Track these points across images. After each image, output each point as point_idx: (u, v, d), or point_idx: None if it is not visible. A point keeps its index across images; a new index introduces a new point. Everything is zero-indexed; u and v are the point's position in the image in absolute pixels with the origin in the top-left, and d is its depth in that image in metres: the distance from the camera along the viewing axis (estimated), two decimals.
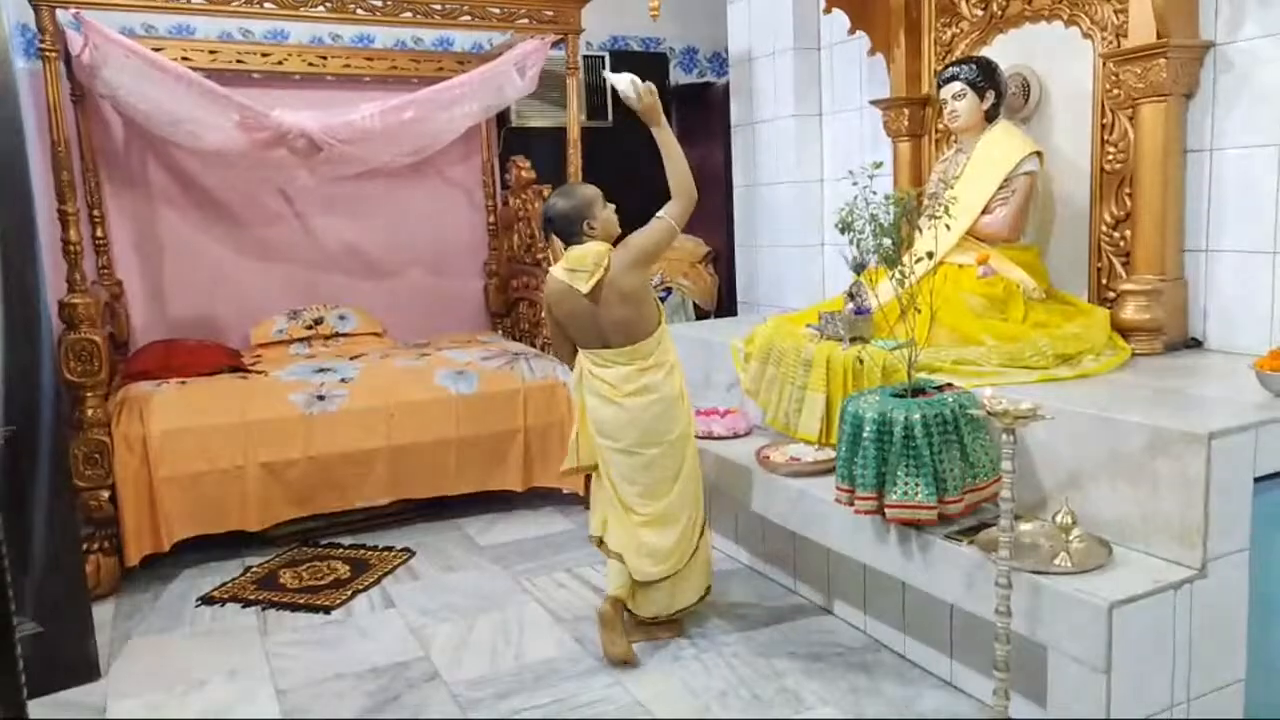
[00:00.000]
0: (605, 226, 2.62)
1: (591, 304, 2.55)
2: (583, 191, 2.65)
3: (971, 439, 2.17)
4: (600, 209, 2.61)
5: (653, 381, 2.61)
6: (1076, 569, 1.90)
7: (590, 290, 2.53)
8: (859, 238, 2.25)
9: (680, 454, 2.67)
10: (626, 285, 2.54)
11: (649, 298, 2.63)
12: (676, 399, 2.66)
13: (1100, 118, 2.76)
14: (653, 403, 2.61)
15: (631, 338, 2.59)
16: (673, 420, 2.64)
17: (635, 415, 2.60)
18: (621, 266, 2.55)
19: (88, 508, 3.22)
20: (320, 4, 3.38)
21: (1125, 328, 2.60)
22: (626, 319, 2.57)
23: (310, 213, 4.69)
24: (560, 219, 2.59)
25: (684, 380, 2.73)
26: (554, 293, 2.63)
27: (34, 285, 2.61)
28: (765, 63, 4.05)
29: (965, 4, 3.13)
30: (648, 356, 2.61)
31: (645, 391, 2.61)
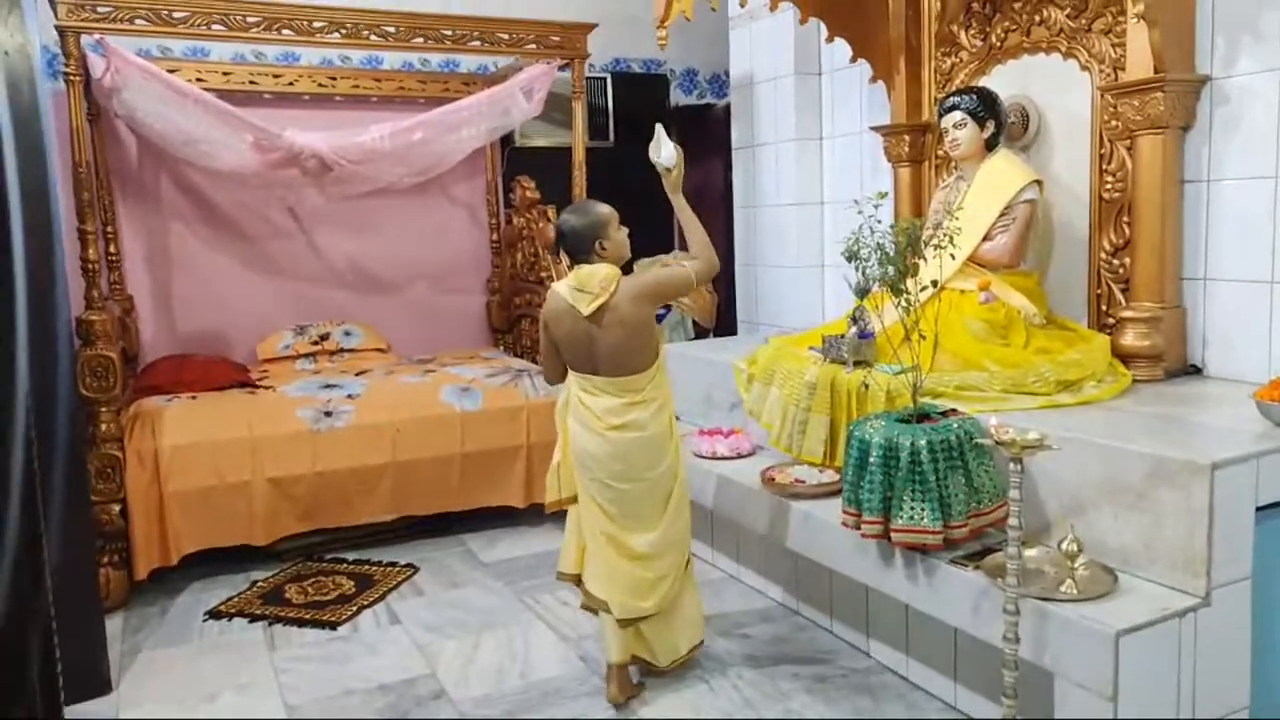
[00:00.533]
0: (617, 249, 2.54)
1: (590, 327, 2.46)
2: (598, 210, 2.55)
3: (976, 464, 2.21)
4: (614, 230, 2.54)
5: (639, 418, 2.50)
6: (1082, 596, 1.94)
7: (592, 313, 2.44)
8: (865, 265, 2.30)
9: (665, 488, 2.57)
10: (630, 315, 2.45)
11: (651, 332, 2.54)
12: (662, 436, 2.55)
13: (1099, 148, 2.82)
14: (636, 440, 2.50)
15: (624, 369, 2.49)
16: (656, 456, 2.54)
17: (617, 449, 2.49)
18: (628, 294, 2.46)
19: (99, 521, 3.26)
20: (335, 30, 3.44)
21: (1125, 354, 2.64)
22: (623, 349, 2.47)
23: (317, 229, 4.75)
24: (572, 235, 2.51)
25: (673, 417, 2.63)
26: (553, 310, 2.54)
27: (56, 305, 2.65)
28: (767, 87, 4.11)
29: (964, 34, 3.19)
30: (638, 391, 2.50)
31: (629, 428, 2.50)
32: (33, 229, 2.56)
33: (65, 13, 3.16)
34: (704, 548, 3.62)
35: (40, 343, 2.60)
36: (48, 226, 2.64)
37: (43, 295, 2.62)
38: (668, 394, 2.61)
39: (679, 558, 2.63)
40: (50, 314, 2.65)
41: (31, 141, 2.59)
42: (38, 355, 2.58)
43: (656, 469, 2.55)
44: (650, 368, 2.52)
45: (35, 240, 2.57)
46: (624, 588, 2.55)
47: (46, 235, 2.64)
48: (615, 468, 2.52)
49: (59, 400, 2.66)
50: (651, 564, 2.57)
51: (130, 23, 3.24)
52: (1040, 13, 2.94)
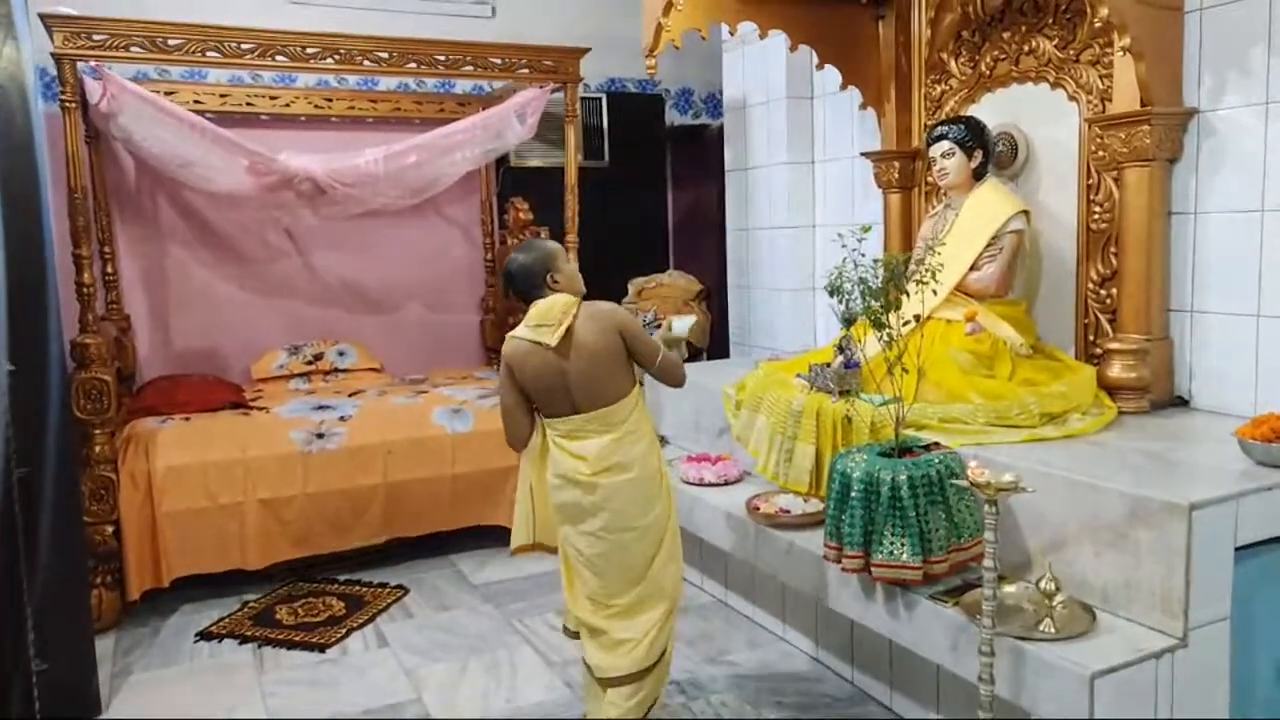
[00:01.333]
0: (569, 281, 2.40)
1: (559, 359, 2.31)
2: (544, 245, 2.45)
3: (957, 500, 2.21)
4: (563, 262, 2.41)
5: (629, 457, 2.35)
6: (1060, 635, 1.93)
7: (558, 343, 2.29)
8: (848, 299, 2.30)
9: (656, 539, 2.41)
10: (595, 341, 2.31)
11: (621, 362, 2.37)
12: (652, 478, 2.40)
13: (1086, 178, 2.82)
14: (628, 482, 2.34)
15: (601, 398, 2.33)
16: (648, 501, 2.38)
17: (608, 496, 2.33)
18: (591, 319, 2.33)
19: (93, 542, 3.29)
20: (328, 56, 3.47)
21: (1112, 386, 2.64)
22: (594, 376, 2.32)
23: (312, 250, 4.78)
24: (521, 273, 2.37)
25: (663, 458, 2.49)
26: (516, 354, 2.35)
27: (48, 329, 2.68)
28: (759, 110, 4.13)
29: (954, 62, 3.20)
30: (621, 423, 2.35)
31: (621, 469, 2.34)
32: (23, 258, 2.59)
33: (61, 40, 3.20)
34: (693, 572, 3.62)
35: (32, 367, 2.63)
36: (40, 255, 2.67)
37: (35, 321, 2.65)
38: (653, 432, 2.48)
39: (668, 605, 2.44)
40: (43, 339, 2.68)
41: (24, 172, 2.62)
42: (30, 379, 2.61)
43: (648, 515, 2.39)
44: (628, 396, 2.39)
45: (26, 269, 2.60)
46: (606, 646, 2.40)
47: (39, 264, 2.66)
48: (603, 518, 2.35)
49: (52, 425, 2.69)
50: (635, 620, 2.39)
51: (126, 50, 3.27)
52: (1029, 42, 2.94)
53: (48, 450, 2.67)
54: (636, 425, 2.40)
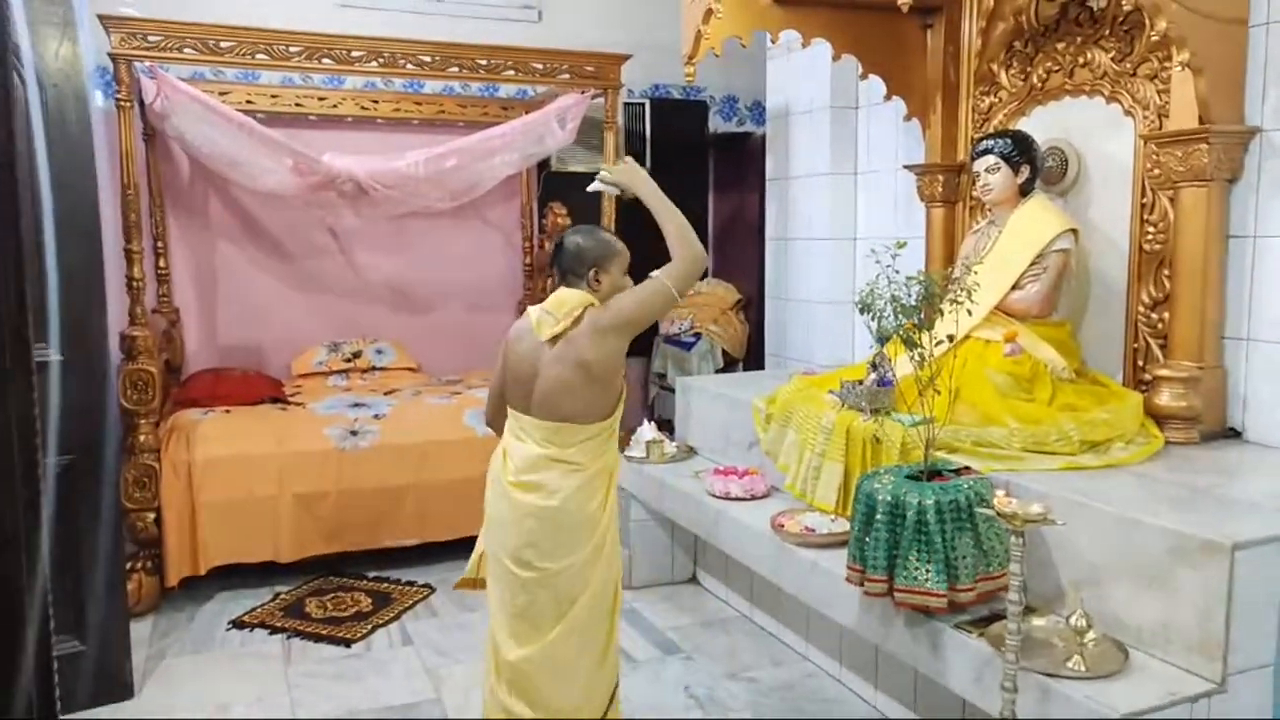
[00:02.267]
0: (614, 288, 2.18)
1: (540, 355, 2.13)
2: (608, 240, 2.24)
3: (986, 527, 2.13)
4: (618, 269, 2.20)
5: (555, 484, 2.10)
6: (1090, 674, 1.85)
7: (548, 339, 2.12)
8: (880, 316, 2.24)
9: (568, 591, 2.12)
10: (589, 352, 2.09)
11: (607, 381, 2.14)
12: (580, 520, 2.12)
13: (1140, 197, 2.72)
14: (540, 510, 2.09)
15: (559, 412, 2.11)
16: (563, 543, 2.11)
17: (518, 515, 2.11)
18: (592, 325, 2.11)
19: (134, 529, 3.38)
20: (373, 59, 3.51)
21: (1160, 414, 2.54)
22: (564, 388, 2.10)
23: (355, 249, 4.85)
24: (571, 252, 2.17)
25: (612, 509, 2.19)
26: (517, 328, 2.23)
27: (97, 321, 2.76)
28: (802, 119, 4.07)
29: (1004, 74, 3.11)
30: (565, 445, 2.11)
31: (538, 490, 2.10)
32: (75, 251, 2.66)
33: (118, 40, 3.28)
34: (718, 585, 3.58)
35: (81, 357, 2.70)
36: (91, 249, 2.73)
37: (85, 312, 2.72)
38: (611, 471, 2.20)
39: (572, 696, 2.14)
40: (92, 330, 2.76)
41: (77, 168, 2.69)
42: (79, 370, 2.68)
43: (558, 561, 2.11)
44: (593, 423, 2.14)
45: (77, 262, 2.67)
46: (492, 707, 2.18)
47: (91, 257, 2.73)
48: (512, 542, 2.12)
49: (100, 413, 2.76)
50: (524, 688, 2.13)
51: (179, 51, 3.34)
52: (1084, 55, 2.84)
53: (94, 438, 2.74)
54: (582, 459, 2.13)
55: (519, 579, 2.13)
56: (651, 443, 3.52)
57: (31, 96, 2.46)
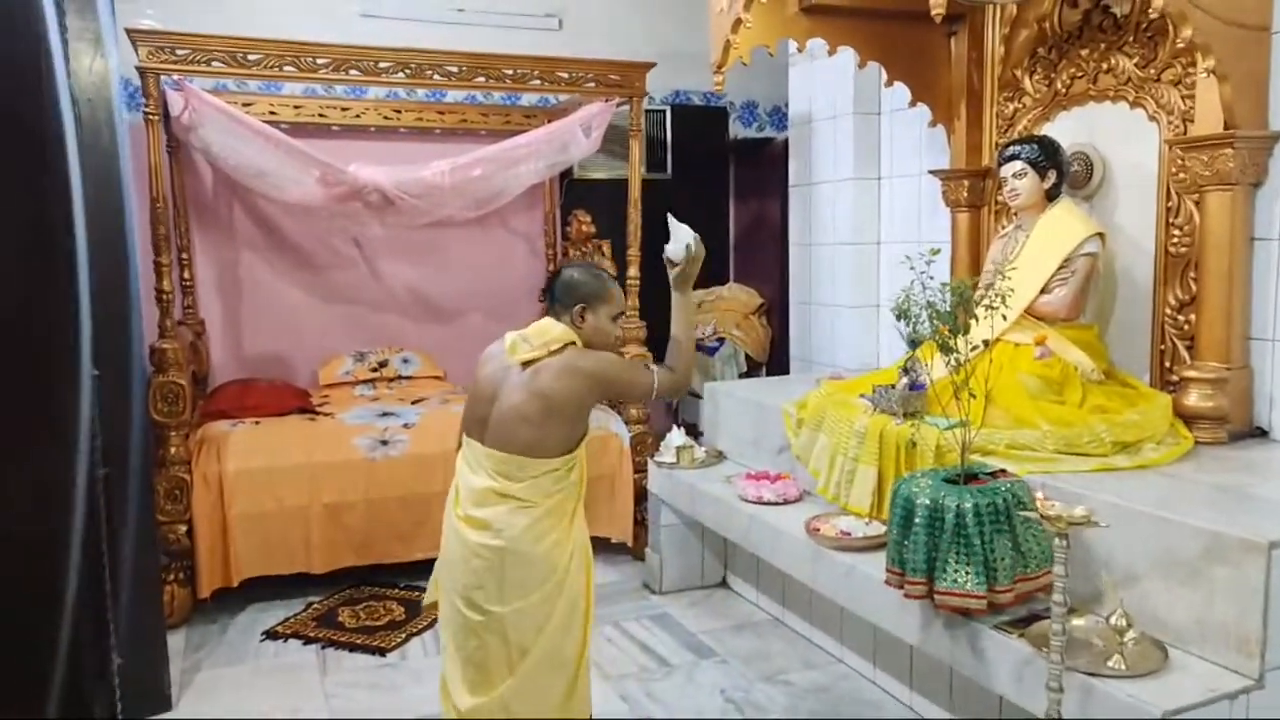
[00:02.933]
0: (594, 334, 2.13)
1: (506, 378, 2.07)
2: (605, 282, 2.17)
3: (1024, 529, 2.17)
4: (606, 313, 2.14)
5: (501, 521, 2.01)
6: (1130, 673, 1.89)
7: (518, 364, 2.05)
8: (915, 322, 2.28)
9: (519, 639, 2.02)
10: (555, 383, 2.01)
11: (570, 418, 2.05)
12: (532, 562, 2.01)
13: (1165, 200, 2.75)
14: (486, 548, 2.01)
15: (513, 443, 2.02)
16: (511, 587, 2.00)
17: (465, 554, 2.04)
18: (568, 363, 2.04)
19: (166, 540, 3.40)
20: (400, 70, 3.55)
21: (1188, 415, 2.57)
22: (521, 417, 2.01)
23: (380, 258, 4.89)
24: (565, 284, 2.13)
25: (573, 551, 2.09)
26: (488, 351, 2.19)
27: (130, 334, 2.79)
28: (825, 125, 4.10)
29: (1029, 80, 3.14)
30: (516, 480, 2.02)
31: (482, 527, 2.02)
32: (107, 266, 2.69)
33: (146, 54, 3.32)
34: (749, 589, 3.62)
35: (115, 371, 2.73)
36: (124, 264, 2.78)
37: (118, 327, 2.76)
38: (569, 511, 2.10)
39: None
40: (125, 344, 2.79)
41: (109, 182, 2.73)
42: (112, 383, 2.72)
43: (504, 604, 2.01)
44: (549, 458, 2.03)
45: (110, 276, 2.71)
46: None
47: (123, 271, 2.77)
48: (461, 581, 2.04)
49: (133, 426, 2.80)
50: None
51: (207, 64, 3.38)
52: (1108, 60, 2.88)
53: (128, 451, 2.77)
54: (532, 495, 2.03)
55: (468, 622, 2.04)
56: (681, 448, 3.55)
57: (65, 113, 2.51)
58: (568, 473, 2.09)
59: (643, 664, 3.11)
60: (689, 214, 5.24)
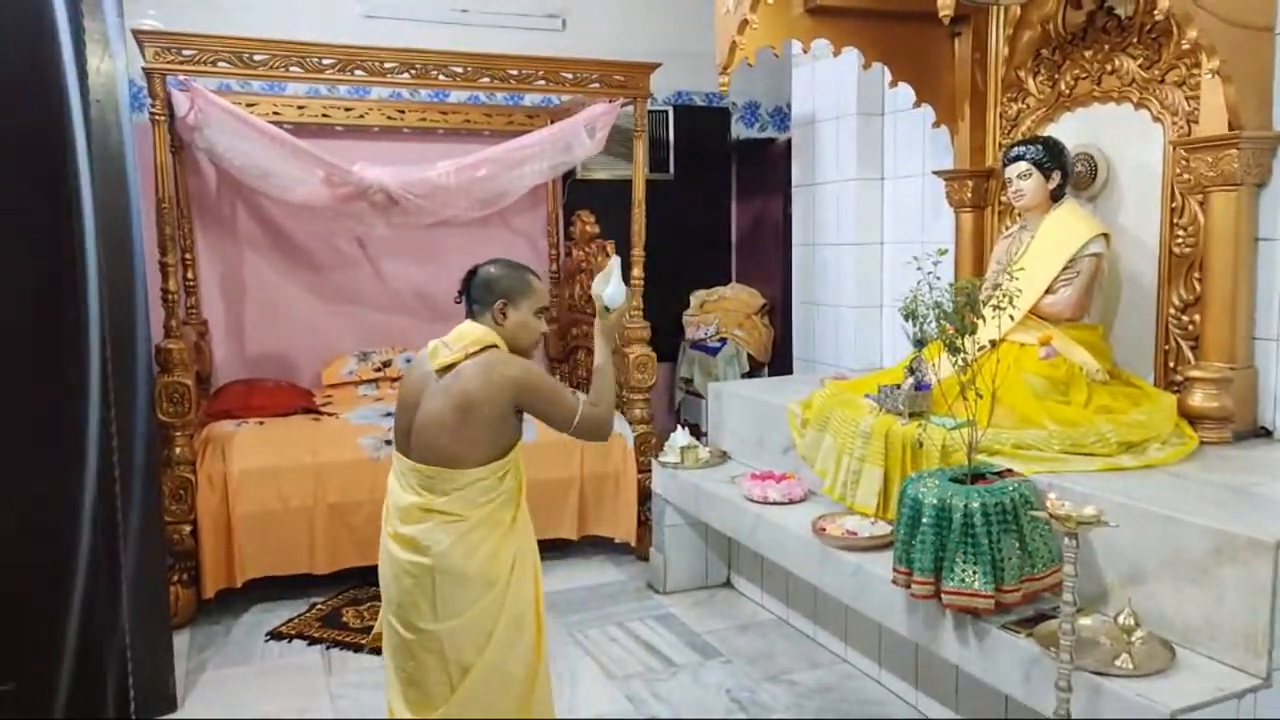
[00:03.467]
0: (516, 330, 2.07)
1: (426, 387, 2.00)
2: (525, 277, 2.12)
3: (1030, 528, 2.18)
4: (529, 309, 2.09)
5: (430, 538, 1.93)
6: (1138, 672, 1.89)
7: (438, 369, 1.98)
8: (923, 323, 2.29)
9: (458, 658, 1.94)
10: (478, 388, 1.94)
11: (494, 425, 1.97)
12: (465, 581, 1.93)
13: (1170, 201, 2.76)
14: (415, 566, 1.94)
15: (436, 454, 1.95)
16: (444, 604, 1.93)
17: (395, 572, 1.98)
18: (491, 368, 1.97)
19: (170, 541, 3.39)
20: (405, 70, 3.55)
21: (1193, 415, 2.58)
22: (443, 425, 1.94)
23: (383, 258, 4.89)
24: (483, 281, 2.09)
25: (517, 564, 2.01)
26: (416, 358, 2.12)
27: (137, 334, 2.80)
28: (829, 125, 4.11)
29: (1032, 81, 3.15)
30: (441, 492, 1.94)
31: (410, 545, 1.95)
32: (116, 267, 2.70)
33: (152, 55, 3.32)
34: (753, 588, 3.62)
35: (123, 372, 2.74)
36: (131, 264, 2.78)
37: (126, 327, 2.76)
38: (505, 522, 2.01)
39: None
40: (133, 345, 2.80)
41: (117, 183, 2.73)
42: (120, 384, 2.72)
43: (438, 622, 1.94)
44: (475, 468, 1.95)
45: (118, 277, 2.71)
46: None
47: (131, 272, 2.78)
48: (395, 600, 1.97)
49: (138, 426, 2.80)
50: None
51: (213, 65, 3.38)
52: (1112, 62, 2.89)
53: (134, 452, 2.77)
54: (460, 509, 1.95)
55: (404, 641, 1.98)
56: (685, 448, 3.56)
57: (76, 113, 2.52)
58: (499, 481, 2.00)
59: (648, 664, 3.12)
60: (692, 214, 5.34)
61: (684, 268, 5.20)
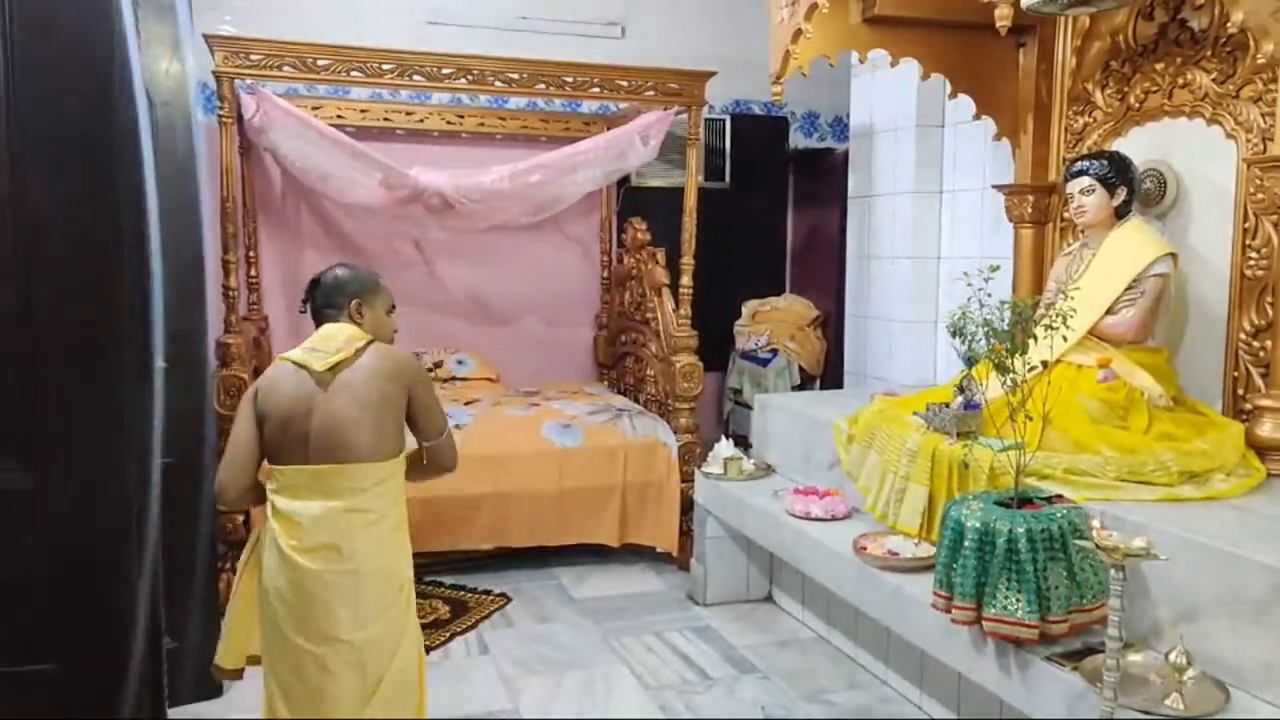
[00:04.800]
0: (377, 326, 2.11)
1: (315, 393, 1.94)
2: (372, 275, 2.17)
3: (1080, 558, 2.09)
4: (383, 305, 2.13)
5: (351, 542, 1.89)
6: (1188, 713, 1.81)
7: (324, 371, 1.94)
8: (971, 340, 2.22)
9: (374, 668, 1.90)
10: (366, 383, 1.95)
11: (388, 417, 1.97)
12: (382, 578, 1.92)
13: (1242, 221, 2.64)
14: (338, 575, 1.88)
15: (343, 452, 1.90)
16: (365, 608, 1.89)
17: (309, 585, 1.87)
18: (375, 358, 1.99)
19: (224, 530, 3.49)
20: (462, 76, 3.60)
21: (1262, 446, 2.46)
22: (347, 422, 1.91)
23: (438, 261, 4.96)
24: (329, 286, 2.08)
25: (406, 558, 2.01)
26: (270, 378, 2.02)
27: (198, 329, 2.88)
28: (887, 137, 4.04)
29: (1100, 94, 3.05)
30: (355, 491, 1.91)
31: (331, 552, 1.88)
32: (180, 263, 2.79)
33: (222, 59, 3.44)
34: (794, 604, 3.57)
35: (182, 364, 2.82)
36: (195, 260, 2.87)
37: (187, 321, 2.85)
38: (401, 515, 2.02)
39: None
40: (193, 338, 2.89)
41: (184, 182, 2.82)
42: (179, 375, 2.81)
43: (364, 628, 1.90)
44: (379, 463, 1.94)
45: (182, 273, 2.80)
46: None
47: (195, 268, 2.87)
48: (311, 617, 1.87)
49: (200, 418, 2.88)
50: None
51: (279, 69, 3.48)
52: (1184, 75, 2.77)
53: (193, 442, 2.86)
54: (377, 505, 1.94)
55: (315, 657, 1.89)
56: (729, 459, 3.52)
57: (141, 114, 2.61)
58: (398, 475, 2.03)
59: (683, 675, 3.09)
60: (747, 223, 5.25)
61: (737, 277, 5.17)
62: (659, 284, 4.28)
